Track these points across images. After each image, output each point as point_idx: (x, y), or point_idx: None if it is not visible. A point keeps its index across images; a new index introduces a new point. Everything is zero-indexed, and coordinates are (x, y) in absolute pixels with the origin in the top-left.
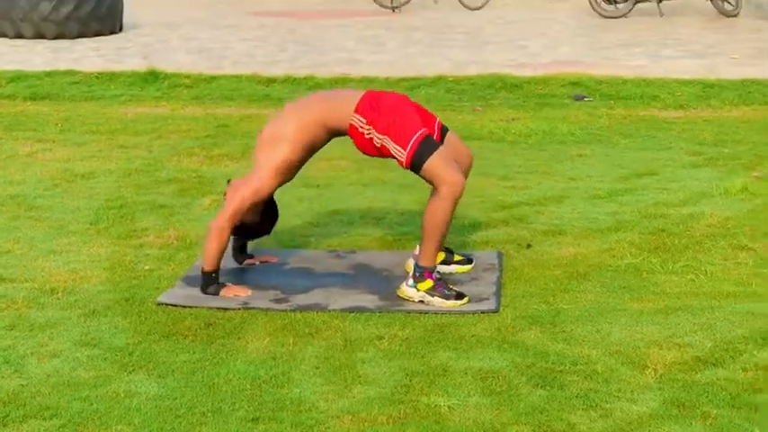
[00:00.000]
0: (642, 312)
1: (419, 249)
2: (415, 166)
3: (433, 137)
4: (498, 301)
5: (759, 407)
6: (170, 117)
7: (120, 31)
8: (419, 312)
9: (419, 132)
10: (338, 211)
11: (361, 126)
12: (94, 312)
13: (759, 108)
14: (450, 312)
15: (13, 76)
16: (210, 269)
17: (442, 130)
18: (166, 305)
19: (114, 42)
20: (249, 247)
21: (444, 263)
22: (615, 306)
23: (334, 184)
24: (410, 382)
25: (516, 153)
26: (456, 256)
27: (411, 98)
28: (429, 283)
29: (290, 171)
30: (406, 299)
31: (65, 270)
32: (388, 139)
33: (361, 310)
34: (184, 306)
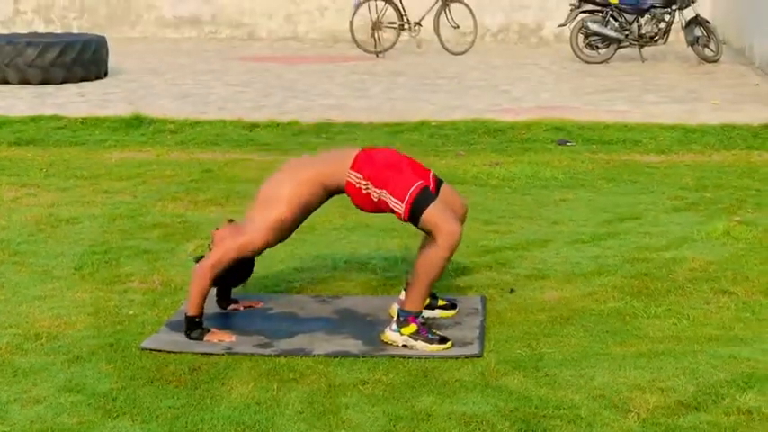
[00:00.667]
0: (625, 356)
1: (405, 294)
2: (413, 218)
3: (430, 188)
4: (482, 346)
5: None
6: (155, 162)
7: (105, 76)
8: (403, 357)
9: (416, 184)
10: (322, 256)
11: (358, 182)
12: (78, 358)
13: (740, 153)
14: (434, 357)
15: None
16: (194, 313)
17: (437, 182)
18: (151, 350)
19: (99, 88)
20: (234, 293)
21: (428, 307)
22: (598, 350)
23: (318, 229)
24: (394, 427)
25: (499, 197)
26: (440, 301)
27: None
28: (413, 327)
29: (282, 231)
30: (390, 343)
31: (49, 315)
32: (386, 193)
33: (345, 354)
34: (169, 351)
